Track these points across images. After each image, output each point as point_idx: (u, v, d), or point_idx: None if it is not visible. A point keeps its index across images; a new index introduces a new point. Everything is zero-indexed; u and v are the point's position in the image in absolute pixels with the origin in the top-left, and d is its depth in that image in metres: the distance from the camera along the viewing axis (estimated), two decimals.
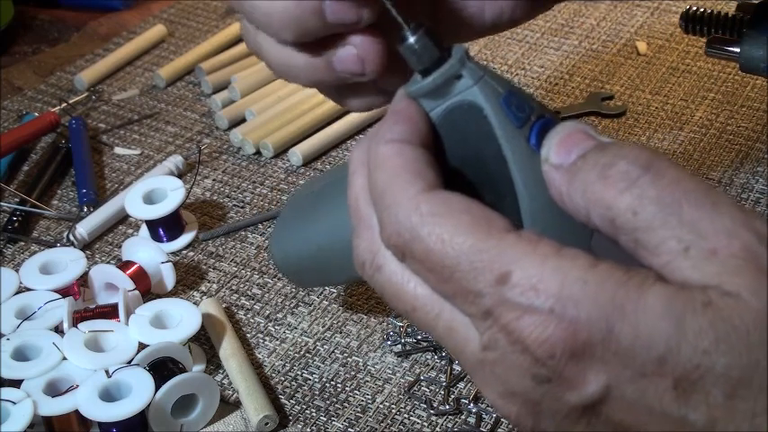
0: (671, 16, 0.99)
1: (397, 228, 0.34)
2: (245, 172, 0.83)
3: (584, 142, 0.33)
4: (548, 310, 0.30)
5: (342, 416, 0.61)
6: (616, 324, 0.30)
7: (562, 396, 0.31)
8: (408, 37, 0.36)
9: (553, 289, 0.30)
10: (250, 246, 0.75)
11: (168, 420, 0.59)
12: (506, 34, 0.99)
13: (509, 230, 0.32)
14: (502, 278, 0.31)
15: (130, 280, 0.67)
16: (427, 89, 0.36)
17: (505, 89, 0.36)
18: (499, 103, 0.35)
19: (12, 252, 0.76)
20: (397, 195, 0.34)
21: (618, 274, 0.30)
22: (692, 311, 0.29)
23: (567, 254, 0.31)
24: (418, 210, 0.33)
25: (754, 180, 0.78)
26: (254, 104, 0.88)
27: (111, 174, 0.84)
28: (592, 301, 0.30)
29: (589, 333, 0.30)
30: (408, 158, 0.35)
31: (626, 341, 0.30)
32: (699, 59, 0.92)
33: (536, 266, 0.31)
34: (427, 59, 0.36)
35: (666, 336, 0.29)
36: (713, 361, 0.29)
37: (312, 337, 0.67)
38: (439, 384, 0.62)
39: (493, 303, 0.31)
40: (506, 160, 0.35)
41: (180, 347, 0.62)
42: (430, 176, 0.34)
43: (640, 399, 0.30)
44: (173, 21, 1.06)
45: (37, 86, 0.97)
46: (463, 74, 0.36)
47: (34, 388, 0.59)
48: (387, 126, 0.36)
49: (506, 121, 0.35)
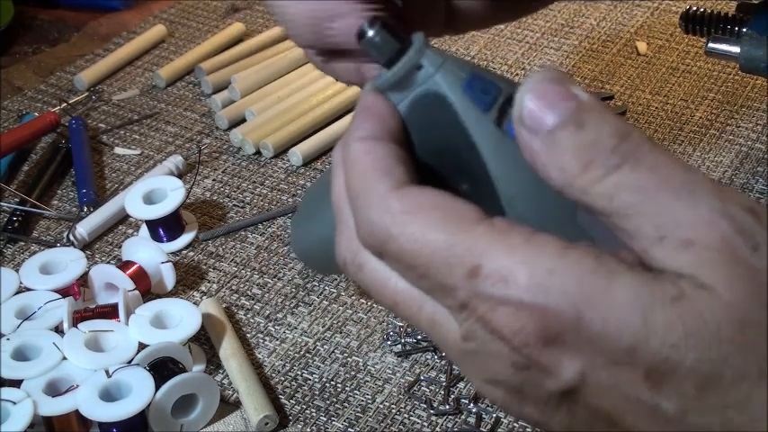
0: (671, 16, 0.99)
1: (370, 229, 0.34)
2: (245, 172, 0.83)
3: (561, 103, 0.32)
4: (518, 301, 0.31)
5: (342, 416, 0.61)
6: (585, 313, 0.30)
7: (541, 382, 0.32)
8: (367, 31, 0.36)
9: (522, 279, 0.31)
10: (250, 246, 0.75)
11: (168, 420, 0.59)
12: (506, 34, 0.99)
13: (479, 221, 0.32)
14: (473, 271, 0.32)
15: (130, 280, 0.67)
16: (391, 82, 0.36)
17: (468, 73, 0.35)
18: (462, 89, 0.35)
19: (12, 252, 0.76)
20: (368, 196, 0.34)
21: (587, 261, 0.31)
22: (660, 305, 0.30)
23: (536, 242, 0.31)
24: (389, 209, 0.34)
25: (753, 180, 0.78)
26: (254, 104, 0.88)
27: (111, 174, 0.84)
28: (560, 290, 0.30)
29: (559, 321, 0.30)
30: (378, 156, 0.35)
31: (595, 329, 0.30)
32: (699, 59, 0.92)
33: (505, 257, 0.31)
34: (388, 52, 0.36)
35: (634, 328, 0.30)
36: (682, 355, 0.29)
37: (312, 337, 0.67)
38: (439, 384, 0.62)
39: (467, 296, 0.32)
40: (476, 145, 0.35)
41: (180, 347, 0.62)
42: (399, 173, 0.34)
43: (615, 386, 0.31)
44: (173, 21, 1.06)
45: (37, 86, 0.96)
46: (423, 63, 0.35)
47: (34, 388, 0.59)
48: (356, 123, 0.36)
49: (471, 106, 0.35)
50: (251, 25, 1.03)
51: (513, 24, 1.00)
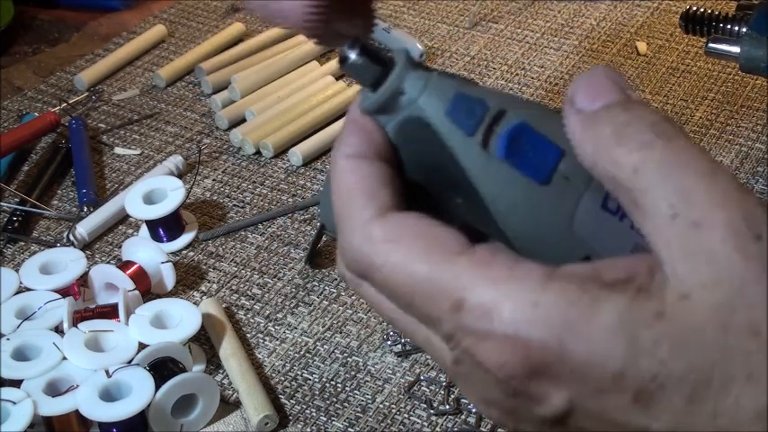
0: (671, 16, 0.99)
1: (353, 255, 0.34)
2: (245, 172, 0.83)
3: (611, 93, 0.33)
4: (502, 335, 0.31)
5: (342, 416, 0.61)
6: (569, 343, 0.30)
7: (531, 408, 0.32)
8: (348, 55, 0.35)
9: (506, 314, 0.31)
10: (250, 246, 0.75)
11: (168, 420, 0.59)
12: (506, 34, 0.99)
13: (462, 252, 0.33)
14: (457, 305, 0.32)
15: (130, 280, 0.67)
16: (374, 107, 0.35)
17: (453, 94, 0.35)
18: (445, 113, 0.34)
19: (12, 252, 0.76)
20: (352, 221, 0.34)
21: (570, 290, 0.31)
22: (643, 326, 0.30)
23: (518, 273, 0.31)
24: (371, 238, 0.34)
25: (754, 180, 0.78)
26: (254, 104, 0.88)
27: (111, 174, 0.84)
28: (543, 323, 0.30)
29: (543, 354, 0.31)
30: (363, 176, 0.35)
31: (581, 359, 0.30)
32: (699, 59, 0.92)
33: (489, 292, 0.31)
34: (370, 76, 0.35)
35: (621, 352, 0.30)
36: (671, 368, 0.30)
37: (312, 337, 0.67)
38: (439, 384, 0.62)
39: (451, 328, 0.32)
40: (463, 168, 0.34)
41: (180, 347, 0.62)
42: (384, 196, 0.34)
43: (603, 412, 0.31)
44: (173, 21, 1.06)
45: (37, 86, 0.96)
46: (405, 88, 0.35)
47: (34, 388, 0.59)
48: (343, 138, 0.36)
49: (455, 131, 0.34)
50: (251, 25, 1.03)
51: (513, 24, 1.00)
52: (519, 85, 0.91)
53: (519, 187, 0.34)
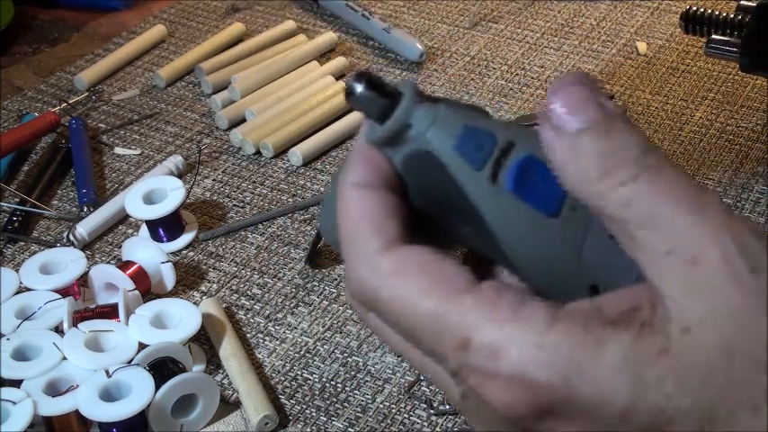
0: (671, 16, 0.99)
1: (358, 286, 0.34)
2: (245, 172, 0.83)
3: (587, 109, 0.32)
4: (509, 376, 0.31)
5: (342, 416, 0.61)
6: (575, 383, 0.30)
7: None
8: (354, 88, 0.35)
9: (512, 355, 0.31)
10: (250, 246, 0.75)
11: (168, 420, 0.59)
12: (506, 34, 0.99)
13: (468, 290, 0.33)
14: (463, 343, 0.32)
15: (130, 280, 0.67)
16: (381, 140, 0.35)
17: (461, 128, 0.34)
18: (454, 147, 0.34)
19: (12, 252, 0.76)
20: (358, 252, 0.34)
21: (574, 332, 0.31)
22: (648, 363, 0.30)
23: (523, 315, 0.32)
24: (377, 271, 0.34)
25: (754, 180, 0.78)
26: (254, 104, 0.88)
27: (111, 174, 0.84)
28: (549, 365, 0.31)
29: (551, 394, 0.31)
30: (371, 206, 0.34)
31: (587, 398, 0.30)
32: (699, 59, 0.92)
33: (495, 333, 0.32)
34: (376, 109, 0.35)
35: (627, 389, 0.30)
36: (677, 403, 0.30)
37: (312, 337, 0.67)
38: None
39: (457, 366, 0.32)
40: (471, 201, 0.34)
41: (180, 347, 0.62)
42: (390, 228, 0.34)
43: None
44: (173, 21, 1.06)
45: (37, 86, 0.97)
46: (412, 122, 0.35)
47: (34, 388, 0.59)
48: (351, 166, 0.36)
49: (463, 165, 0.34)
50: (251, 25, 1.03)
51: (513, 24, 1.00)
52: (519, 85, 0.91)
53: (528, 220, 0.34)
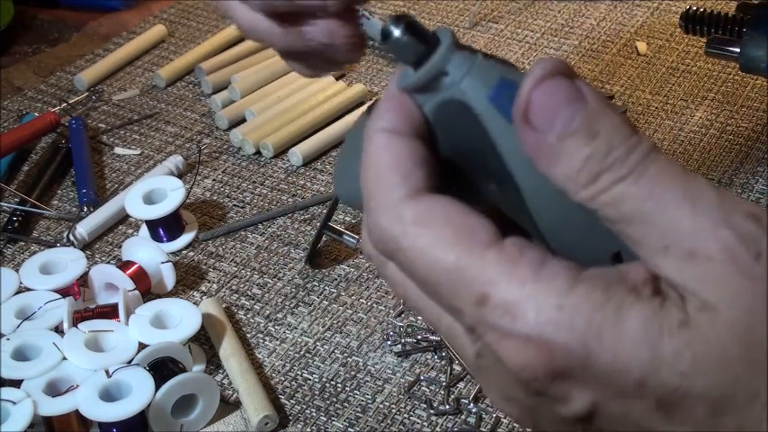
0: (671, 16, 0.99)
1: (380, 235, 0.33)
2: (245, 172, 0.83)
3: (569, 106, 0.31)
4: (526, 336, 0.30)
5: (342, 416, 0.61)
6: (594, 348, 0.30)
7: (553, 408, 0.32)
8: (392, 31, 0.34)
9: (530, 315, 0.30)
10: (250, 246, 0.75)
11: (168, 420, 0.59)
12: (506, 34, 0.99)
13: (490, 245, 0.32)
14: (481, 299, 0.31)
15: (130, 280, 0.67)
16: (415, 86, 0.35)
17: (497, 79, 0.34)
18: (488, 98, 0.33)
19: (12, 252, 0.76)
20: (382, 200, 0.33)
21: (596, 295, 0.30)
22: (668, 334, 0.29)
23: (545, 275, 0.31)
24: (401, 219, 0.33)
25: (753, 180, 0.78)
26: (254, 104, 0.88)
27: (111, 174, 0.84)
28: (568, 327, 0.30)
29: (567, 357, 0.30)
30: (397, 154, 0.34)
31: (604, 365, 0.30)
32: (699, 59, 0.92)
33: (514, 291, 0.31)
34: (413, 54, 0.34)
35: (644, 360, 0.30)
36: (692, 382, 0.29)
37: (312, 337, 0.67)
38: (439, 384, 0.62)
39: (474, 322, 0.32)
40: (502, 155, 0.34)
41: (180, 347, 0.62)
42: (417, 177, 0.33)
43: (626, 416, 0.31)
44: (173, 21, 1.06)
45: (37, 86, 0.96)
46: (448, 70, 0.34)
47: (34, 388, 0.59)
48: (380, 112, 0.35)
49: (497, 117, 0.33)
50: None
51: (513, 24, 1.00)
52: None
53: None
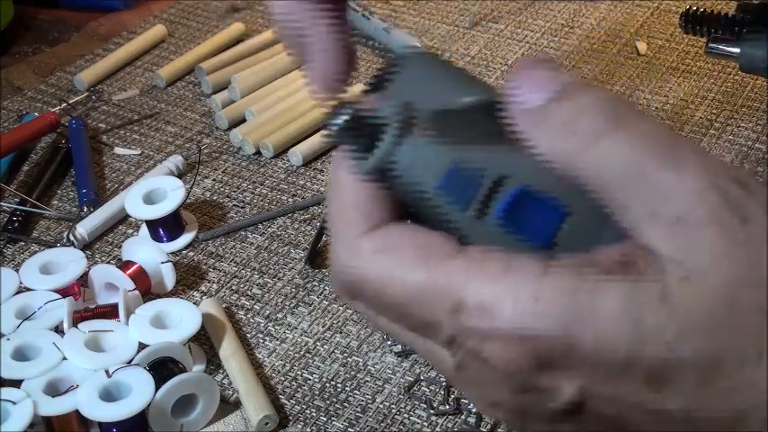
0: (671, 16, 0.99)
1: (343, 272, 0.34)
2: (245, 172, 0.83)
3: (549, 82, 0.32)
4: (507, 331, 0.30)
5: (342, 416, 0.61)
6: (576, 332, 0.30)
7: (542, 403, 0.32)
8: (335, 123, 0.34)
9: (507, 311, 0.30)
10: (250, 246, 0.75)
11: (168, 420, 0.59)
12: (506, 34, 0.99)
13: (454, 254, 0.32)
14: (456, 307, 0.31)
15: (130, 280, 0.67)
16: (365, 173, 0.34)
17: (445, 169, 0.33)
18: (438, 185, 0.33)
19: (12, 252, 0.76)
20: (341, 237, 0.34)
21: (570, 280, 0.30)
22: (648, 309, 0.29)
23: (515, 267, 0.31)
24: (359, 253, 0.33)
25: None
26: (254, 104, 0.88)
27: (111, 174, 0.84)
28: (547, 315, 0.30)
29: (551, 346, 0.30)
30: (359, 195, 0.34)
31: (589, 348, 0.30)
32: (699, 59, 0.92)
33: (487, 289, 0.31)
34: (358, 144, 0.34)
35: (626, 339, 0.29)
36: (678, 353, 0.29)
37: (312, 337, 0.67)
38: (439, 384, 0.62)
39: (453, 331, 0.32)
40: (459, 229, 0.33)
41: (180, 347, 0.62)
42: (377, 215, 0.34)
43: (616, 396, 0.31)
44: (173, 21, 1.06)
45: (37, 86, 0.96)
46: (396, 160, 0.33)
47: (34, 388, 0.59)
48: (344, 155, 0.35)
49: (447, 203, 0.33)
50: (251, 25, 1.03)
51: (513, 24, 1.00)
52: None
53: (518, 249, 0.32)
